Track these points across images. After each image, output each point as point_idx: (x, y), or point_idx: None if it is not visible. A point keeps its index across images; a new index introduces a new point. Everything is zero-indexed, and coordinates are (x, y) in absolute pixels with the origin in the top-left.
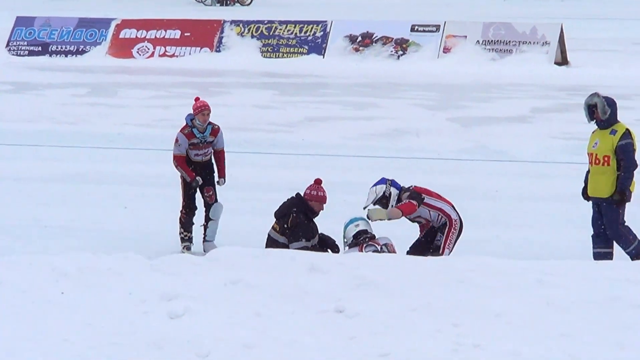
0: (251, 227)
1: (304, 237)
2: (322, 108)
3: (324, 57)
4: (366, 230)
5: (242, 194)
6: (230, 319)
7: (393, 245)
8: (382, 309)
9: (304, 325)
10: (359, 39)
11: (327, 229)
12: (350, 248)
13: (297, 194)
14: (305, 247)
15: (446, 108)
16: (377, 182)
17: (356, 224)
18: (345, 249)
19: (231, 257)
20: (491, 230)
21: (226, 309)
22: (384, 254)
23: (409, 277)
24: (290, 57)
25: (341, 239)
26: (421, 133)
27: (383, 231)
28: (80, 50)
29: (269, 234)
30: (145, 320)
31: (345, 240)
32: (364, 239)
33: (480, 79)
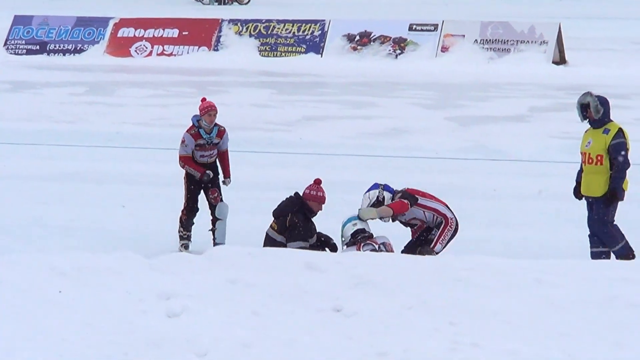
0: (249, 226)
1: (302, 237)
2: (320, 107)
3: (322, 56)
4: (364, 229)
5: (240, 193)
6: (229, 318)
7: (391, 244)
8: (380, 308)
9: (302, 324)
10: (357, 38)
11: (325, 228)
12: (348, 247)
13: (296, 193)
14: (304, 247)
15: (444, 107)
16: (370, 187)
17: (354, 222)
18: (344, 248)
19: (229, 256)
20: (489, 230)
21: (224, 308)
22: (381, 252)
23: (406, 276)
24: (288, 56)
25: (339, 238)
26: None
27: (381, 230)
28: (78, 49)
29: (267, 232)
30: (143, 319)
31: (343, 240)
32: (361, 238)
33: (478, 78)
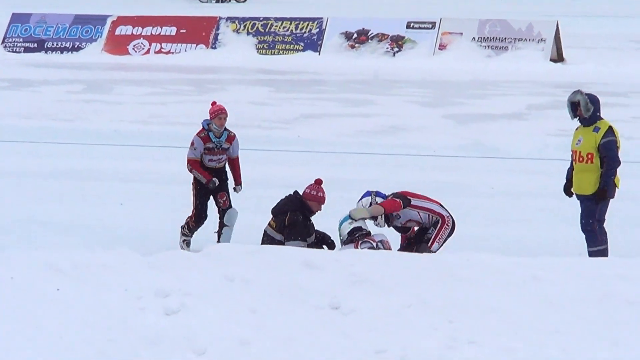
0: (247, 224)
1: (300, 236)
2: (317, 105)
3: (319, 54)
4: (361, 227)
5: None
6: (227, 316)
7: (388, 242)
8: (378, 306)
9: (299, 321)
10: (355, 35)
11: (323, 226)
12: (345, 245)
13: (295, 192)
14: (302, 246)
15: (442, 105)
16: (363, 195)
17: (349, 221)
18: (341, 246)
19: (227, 254)
20: (487, 227)
21: (223, 305)
22: (379, 250)
23: (404, 274)
24: (286, 53)
25: (337, 236)
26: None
27: (378, 228)
28: (76, 47)
29: (265, 230)
30: (141, 317)
31: (341, 238)
32: (359, 236)
33: (476, 75)
